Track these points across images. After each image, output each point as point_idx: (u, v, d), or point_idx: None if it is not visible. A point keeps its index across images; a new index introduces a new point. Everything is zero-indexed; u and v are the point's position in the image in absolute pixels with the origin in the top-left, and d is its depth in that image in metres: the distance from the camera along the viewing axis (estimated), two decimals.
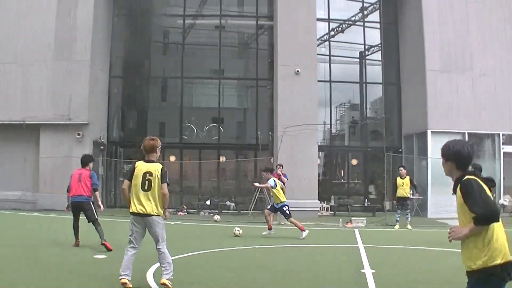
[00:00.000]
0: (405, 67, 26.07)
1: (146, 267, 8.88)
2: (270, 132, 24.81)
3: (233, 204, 24.10)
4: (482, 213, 3.99)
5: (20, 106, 23.51)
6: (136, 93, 27.81)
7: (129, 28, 28.14)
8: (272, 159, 23.81)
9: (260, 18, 27.28)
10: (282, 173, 19.11)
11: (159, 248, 7.67)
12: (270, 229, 15.09)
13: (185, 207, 23.87)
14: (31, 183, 23.47)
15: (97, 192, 12.00)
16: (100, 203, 12.22)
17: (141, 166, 7.76)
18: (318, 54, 25.10)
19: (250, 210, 22.41)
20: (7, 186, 23.12)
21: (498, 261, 4.02)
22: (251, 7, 27.39)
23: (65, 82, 23.37)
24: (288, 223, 15.43)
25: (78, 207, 11.83)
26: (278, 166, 19.52)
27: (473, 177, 4.24)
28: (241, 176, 27.28)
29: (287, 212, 14.78)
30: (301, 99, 23.40)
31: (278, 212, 15.51)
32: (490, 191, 4.23)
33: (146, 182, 7.67)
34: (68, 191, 11.99)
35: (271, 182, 14.76)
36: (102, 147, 25.09)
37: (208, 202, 24.70)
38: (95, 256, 9.97)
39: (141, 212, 7.61)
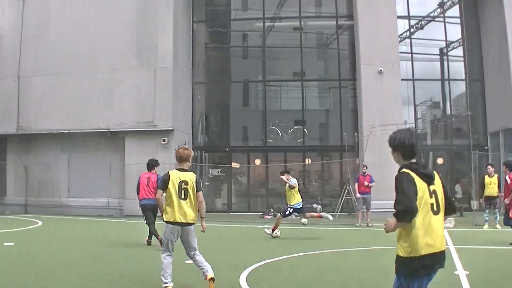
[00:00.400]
0: (489, 62, 25.60)
1: (235, 274, 9.29)
2: (355, 133, 25.12)
3: (320, 206, 24.49)
4: (399, 209, 4.35)
5: (105, 114, 24.80)
6: (219, 98, 28.84)
7: (208, 33, 29.21)
8: (357, 160, 24.17)
9: (339, 18, 27.69)
10: (367, 174, 19.42)
11: (194, 254, 8.02)
12: (274, 230, 15.64)
13: (272, 210, 24.49)
14: (117, 190, 24.67)
15: None
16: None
17: (175, 175, 8.02)
18: (400, 52, 25.31)
19: (336, 212, 22.81)
20: (93, 193, 24.66)
21: (420, 253, 4.39)
22: (330, 7, 27.83)
23: (148, 89, 24.48)
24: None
25: (149, 209, 12.93)
26: (363, 167, 19.94)
27: (407, 170, 4.54)
28: (326, 178, 27.54)
29: (287, 213, 15.69)
30: (385, 98, 23.60)
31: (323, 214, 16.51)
32: (429, 187, 4.51)
33: (183, 191, 7.94)
34: (138, 194, 13.20)
35: (293, 181, 15.48)
36: None
37: None
38: (186, 262, 10.45)
39: (179, 221, 7.88)
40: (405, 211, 4.33)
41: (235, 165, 26.56)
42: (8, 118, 26.64)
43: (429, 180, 4.53)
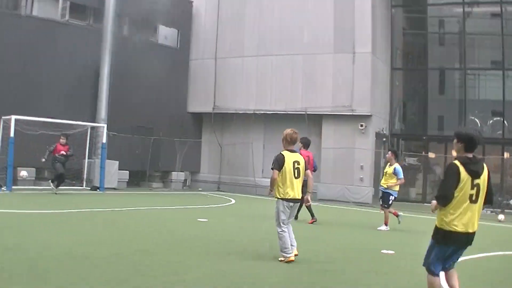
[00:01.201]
0: None
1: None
2: None
3: None
4: (437, 194, 5.96)
5: (303, 96, 27.36)
6: (416, 85, 30.61)
7: (406, 18, 31.03)
8: None
9: None
10: None
11: (289, 223, 9.75)
12: None
13: None
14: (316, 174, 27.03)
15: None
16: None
17: (289, 156, 9.59)
18: None
19: None
20: None
21: (449, 229, 5.90)
22: None
23: (346, 74, 26.47)
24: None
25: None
26: None
27: (457, 163, 5.94)
28: None
29: (390, 203, 15.53)
30: None
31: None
32: (473, 180, 5.88)
33: (296, 171, 9.54)
34: None
35: (398, 169, 15.36)
36: (384, 139, 28.10)
37: None
38: (382, 252, 11.32)
39: (297, 197, 9.62)
40: (441, 196, 5.92)
41: (431, 154, 27.98)
42: (206, 97, 30.22)
43: (474, 175, 5.91)
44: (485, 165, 6.06)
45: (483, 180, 5.95)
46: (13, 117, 21.36)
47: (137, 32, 28.84)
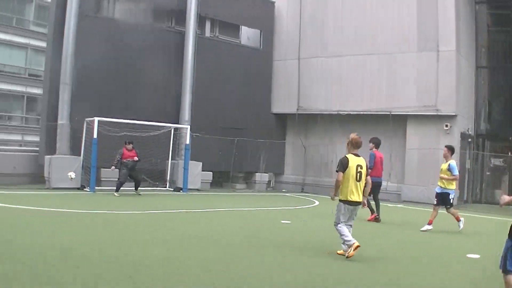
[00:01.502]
0: None
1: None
2: None
3: None
4: None
5: (386, 97, 27.85)
6: (502, 83, 30.57)
7: (491, 15, 31.01)
8: None
9: None
10: None
11: (351, 225, 10.55)
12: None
13: None
14: (396, 174, 27.48)
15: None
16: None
17: (353, 160, 10.39)
18: None
19: None
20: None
21: None
22: None
23: (430, 73, 26.71)
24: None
25: (377, 186, 17.17)
26: None
27: None
28: None
29: (451, 202, 15.54)
30: None
31: None
32: None
33: (358, 174, 10.30)
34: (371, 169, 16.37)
35: (453, 165, 15.42)
36: (470, 140, 28.35)
37: None
38: (468, 256, 11.58)
39: (358, 200, 10.38)
40: None
41: None
42: (290, 98, 31.29)
43: None
44: None
45: None
46: (96, 119, 22.95)
47: (220, 33, 30.33)
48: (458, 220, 15.40)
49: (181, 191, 25.54)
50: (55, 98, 24.31)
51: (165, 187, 26.42)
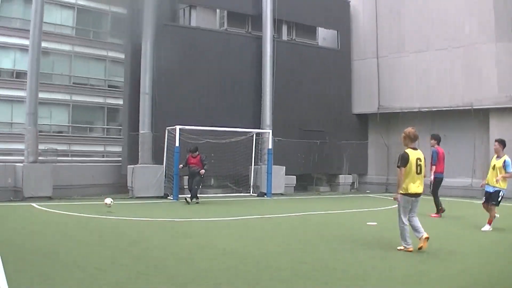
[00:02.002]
0: None
1: None
2: None
3: None
4: None
5: (467, 90, 28.38)
6: None
7: None
8: None
9: None
10: None
11: (413, 217, 11.44)
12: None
13: None
14: (480, 171, 27.65)
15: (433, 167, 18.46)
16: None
17: (412, 154, 11.29)
18: None
19: None
20: (455, 173, 27.29)
21: None
22: None
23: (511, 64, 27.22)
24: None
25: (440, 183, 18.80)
26: None
27: None
28: None
29: (499, 200, 15.21)
30: None
31: None
32: None
33: (418, 167, 11.25)
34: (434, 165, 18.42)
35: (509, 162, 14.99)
36: None
37: None
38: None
39: (418, 192, 11.26)
40: None
41: None
42: (370, 97, 32.51)
43: None
44: None
45: None
46: (178, 127, 24.36)
47: (297, 36, 31.78)
48: (490, 222, 15.16)
49: (265, 196, 26.65)
50: (136, 108, 25.89)
51: (249, 192, 27.67)
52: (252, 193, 27.70)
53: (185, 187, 24.71)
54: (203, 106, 27.35)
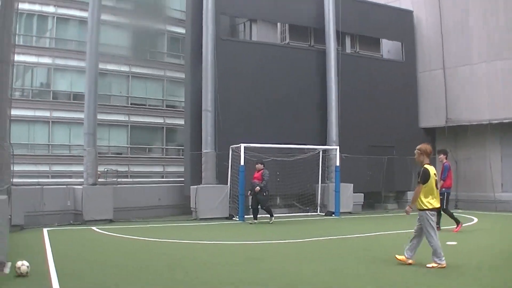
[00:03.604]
0: None
1: None
2: None
3: None
4: None
5: None
6: None
7: None
8: None
9: None
10: None
11: None
12: None
13: None
14: None
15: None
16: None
17: (431, 170, 11.34)
18: None
19: None
20: None
21: None
22: None
23: None
24: None
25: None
26: None
27: None
28: None
29: None
30: None
31: None
32: None
33: (436, 182, 11.31)
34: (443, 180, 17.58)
35: None
36: None
37: None
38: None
39: (437, 207, 11.32)
40: None
41: None
42: (437, 111, 30.56)
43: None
44: None
45: None
46: (242, 145, 23.06)
47: (360, 48, 30.17)
48: None
49: (333, 215, 25.22)
50: (198, 127, 24.75)
51: (316, 211, 26.28)
52: (319, 212, 26.27)
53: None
54: (267, 122, 26.12)
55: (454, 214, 18.63)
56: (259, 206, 21.45)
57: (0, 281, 9.78)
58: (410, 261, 11.35)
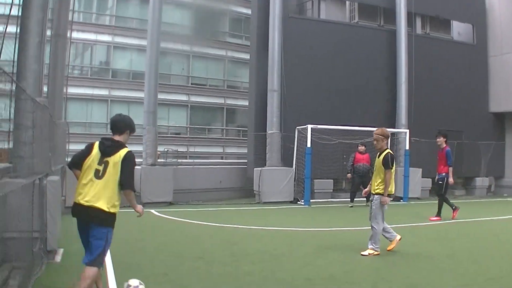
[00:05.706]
0: None
1: None
2: None
3: None
4: None
5: None
6: None
7: None
8: None
9: None
10: None
11: None
12: None
13: None
14: None
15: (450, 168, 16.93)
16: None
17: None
18: None
19: None
20: None
21: None
22: None
23: None
24: None
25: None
26: None
27: None
28: None
29: None
30: None
31: None
32: None
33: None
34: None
35: None
36: None
37: None
38: None
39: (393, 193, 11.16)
40: None
41: None
42: (508, 95, 28.70)
43: None
44: None
45: None
46: (309, 126, 21.79)
47: (431, 30, 28.54)
48: None
49: (401, 200, 23.79)
50: (263, 108, 23.71)
51: None
52: None
53: (315, 191, 23.04)
54: (334, 104, 24.77)
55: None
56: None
57: (52, 269, 8.88)
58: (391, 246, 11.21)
